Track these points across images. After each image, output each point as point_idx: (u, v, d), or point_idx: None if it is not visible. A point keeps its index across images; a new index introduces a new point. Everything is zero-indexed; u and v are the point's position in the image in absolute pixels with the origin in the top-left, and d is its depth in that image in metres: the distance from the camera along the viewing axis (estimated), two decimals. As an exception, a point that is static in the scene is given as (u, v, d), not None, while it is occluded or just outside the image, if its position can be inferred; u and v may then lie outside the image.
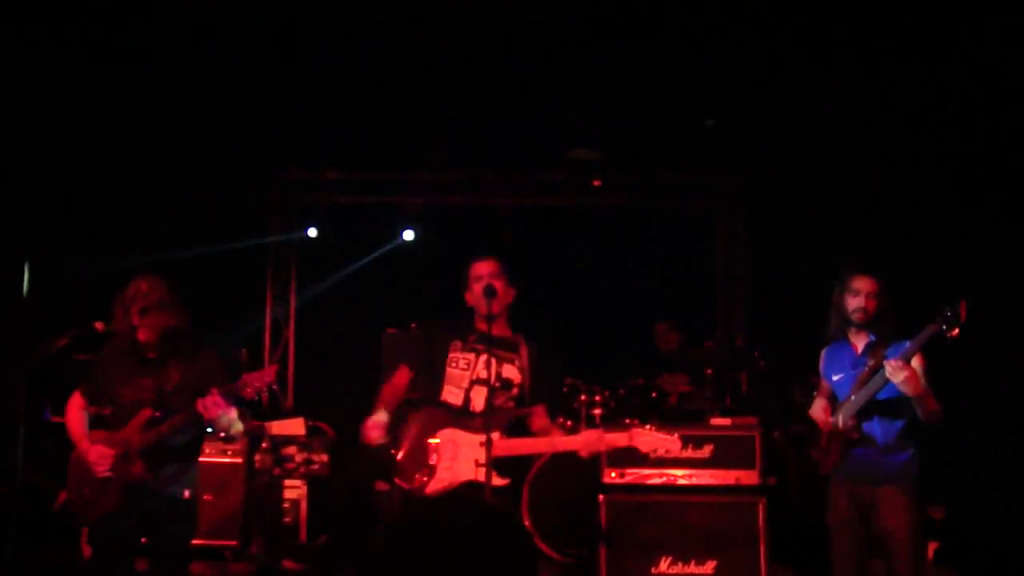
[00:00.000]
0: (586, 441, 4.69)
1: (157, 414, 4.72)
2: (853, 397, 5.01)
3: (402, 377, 4.98)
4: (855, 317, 5.04)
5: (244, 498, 7.62)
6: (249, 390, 4.69)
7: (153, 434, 4.69)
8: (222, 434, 4.87)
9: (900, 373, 4.69)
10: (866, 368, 4.99)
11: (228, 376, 4.79)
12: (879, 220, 8.29)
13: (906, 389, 4.74)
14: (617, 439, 4.68)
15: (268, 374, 4.75)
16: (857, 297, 5.03)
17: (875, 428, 5.00)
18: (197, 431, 4.88)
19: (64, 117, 7.32)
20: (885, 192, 8.31)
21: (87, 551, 6.55)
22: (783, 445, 7.41)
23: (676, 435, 4.66)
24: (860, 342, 5.11)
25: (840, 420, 5.06)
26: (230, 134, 8.49)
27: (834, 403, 5.17)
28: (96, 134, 7.65)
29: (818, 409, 5.27)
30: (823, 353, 5.29)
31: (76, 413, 4.92)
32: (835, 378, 5.18)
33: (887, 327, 5.01)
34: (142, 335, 4.82)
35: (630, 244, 10.43)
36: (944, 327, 4.63)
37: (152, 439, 4.69)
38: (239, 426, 4.93)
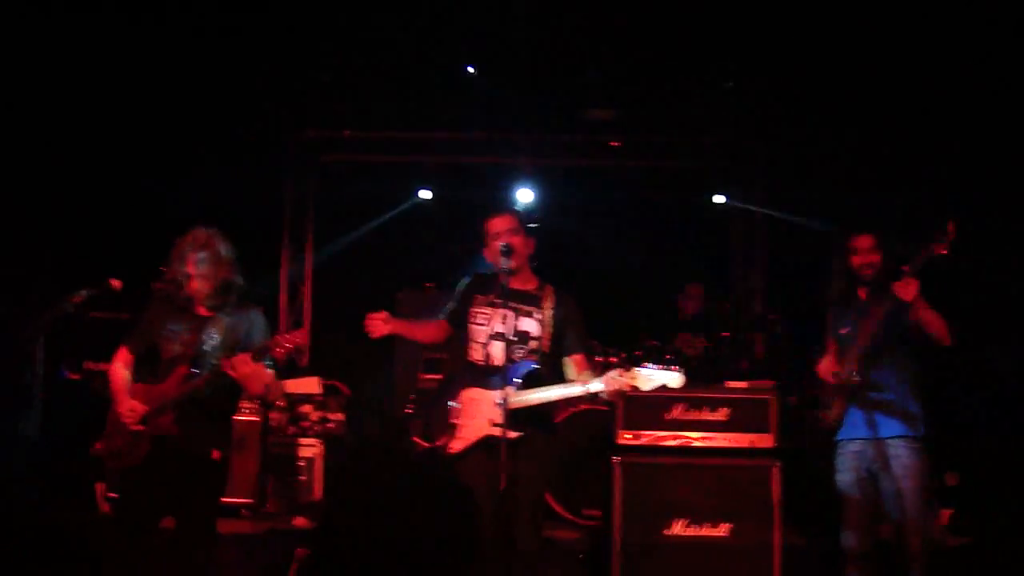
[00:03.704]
0: (608, 379, 4.61)
1: (194, 370, 4.70)
2: (856, 348, 5.00)
3: (438, 329, 5.05)
4: (863, 274, 5.09)
5: (260, 456, 7.64)
6: (279, 351, 4.66)
7: (187, 388, 4.66)
8: (257, 397, 4.77)
9: (909, 287, 4.72)
10: (869, 316, 4.97)
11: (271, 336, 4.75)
12: (898, 179, 8.21)
13: (915, 302, 4.76)
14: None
15: (300, 336, 4.73)
16: (859, 255, 5.08)
17: (881, 378, 4.99)
18: (232, 391, 4.83)
19: (79, 76, 7.30)
20: (905, 152, 8.24)
21: (104, 506, 6.64)
22: (799, 409, 7.39)
23: (679, 370, 4.62)
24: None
25: (844, 370, 5.04)
26: (247, 93, 8.46)
27: (840, 359, 5.16)
28: (111, 93, 7.63)
29: (824, 367, 5.25)
30: (830, 311, 5.30)
31: (118, 367, 4.86)
32: (842, 332, 5.18)
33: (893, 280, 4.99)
34: (195, 285, 4.75)
35: (647, 205, 10.40)
36: (933, 244, 4.69)
37: (185, 393, 4.66)
38: (276, 389, 4.84)
